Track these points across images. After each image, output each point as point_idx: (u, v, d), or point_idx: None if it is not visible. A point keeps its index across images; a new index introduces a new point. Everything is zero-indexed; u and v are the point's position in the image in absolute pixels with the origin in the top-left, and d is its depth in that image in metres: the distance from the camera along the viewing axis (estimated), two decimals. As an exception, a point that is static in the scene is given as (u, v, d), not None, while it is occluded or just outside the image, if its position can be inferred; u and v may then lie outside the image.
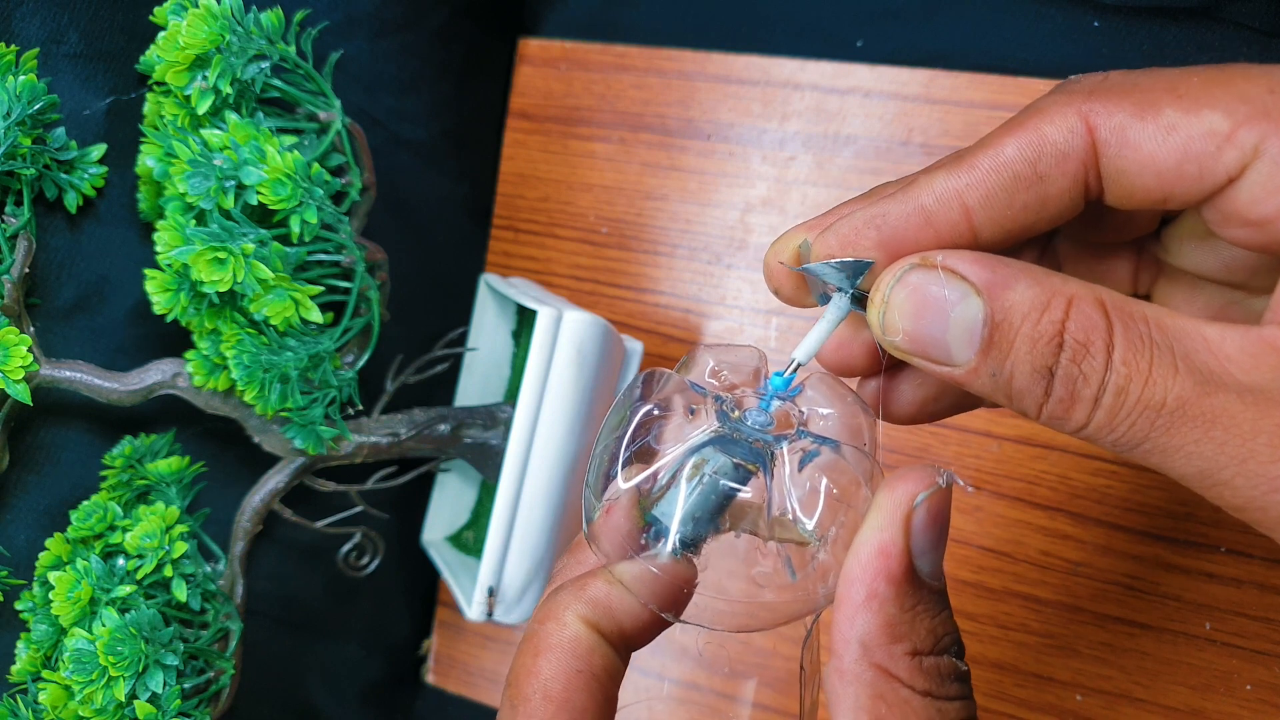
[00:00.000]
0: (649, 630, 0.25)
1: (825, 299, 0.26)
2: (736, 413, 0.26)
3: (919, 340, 0.23)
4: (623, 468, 0.25)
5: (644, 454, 0.25)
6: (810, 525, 0.24)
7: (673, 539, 0.24)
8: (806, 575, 0.24)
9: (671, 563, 0.24)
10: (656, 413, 0.25)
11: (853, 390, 0.27)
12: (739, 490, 0.24)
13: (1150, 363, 0.21)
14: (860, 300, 0.25)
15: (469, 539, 0.52)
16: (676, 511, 0.24)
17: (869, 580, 0.22)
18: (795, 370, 0.26)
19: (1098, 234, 0.28)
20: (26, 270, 0.36)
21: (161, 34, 0.36)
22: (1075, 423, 0.22)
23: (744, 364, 0.27)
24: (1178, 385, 0.21)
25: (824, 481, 0.24)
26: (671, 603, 0.24)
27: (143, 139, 0.39)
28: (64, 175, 0.37)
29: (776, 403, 0.26)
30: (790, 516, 0.24)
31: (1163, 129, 0.22)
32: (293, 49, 0.38)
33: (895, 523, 0.22)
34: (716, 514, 0.24)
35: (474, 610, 0.44)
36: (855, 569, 0.22)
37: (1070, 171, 0.23)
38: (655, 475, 0.24)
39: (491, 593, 0.44)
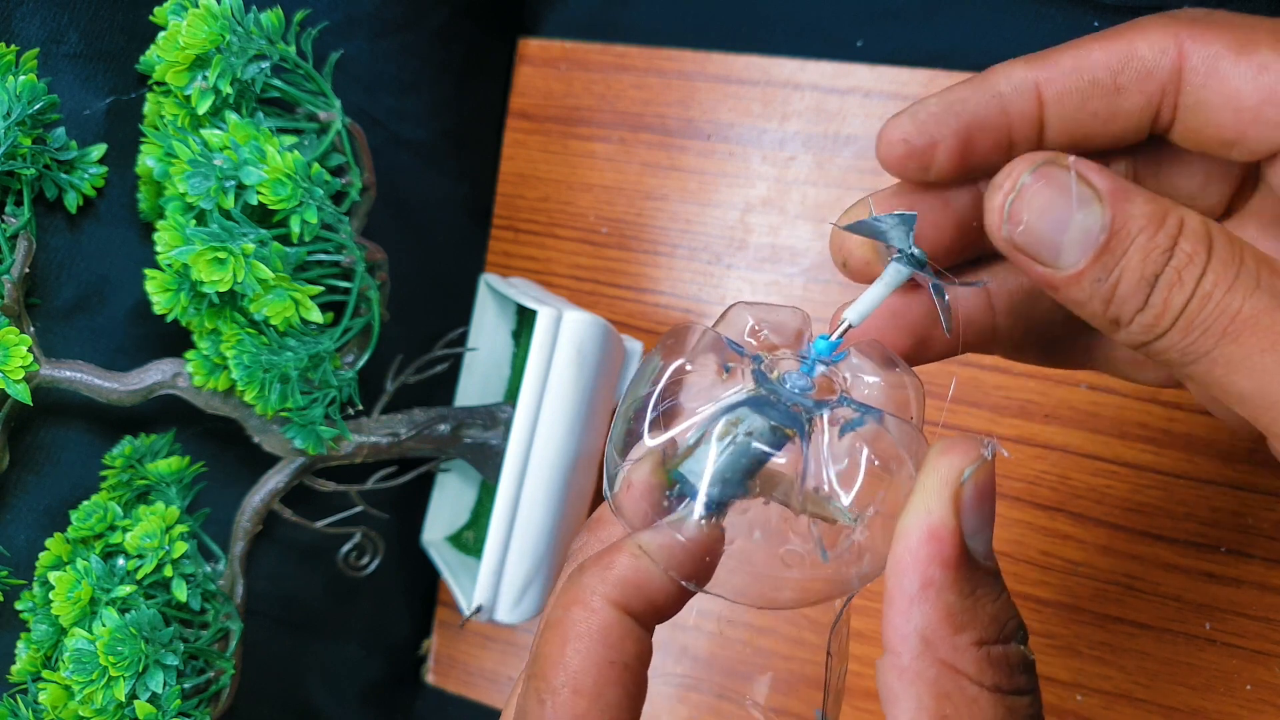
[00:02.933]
0: (680, 600, 0.23)
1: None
2: (775, 374, 0.24)
3: (1036, 236, 0.22)
4: (650, 424, 0.23)
5: (673, 411, 0.23)
6: (847, 500, 0.22)
7: (700, 500, 0.22)
8: (839, 556, 0.22)
9: (697, 527, 0.22)
10: (690, 369, 0.24)
11: (901, 360, 0.25)
12: (772, 455, 0.22)
13: (1236, 275, 0.21)
14: (919, 265, 0.24)
15: (469, 539, 0.52)
16: (705, 471, 0.22)
17: (922, 567, 0.20)
18: (844, 332, 0.24)
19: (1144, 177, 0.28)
20: (26, 270, 0.36)
21: (161, 34, 0.36)
22: (1160, 328, 0.22)
23: (786, 324, 0.25)
24: (1255, 298, 0.21)
25: (865, 453, 0.22)
26: (696, 570, 0.23)
27: (143, 139, 0.39)
28: (64, 175, 0.37)
29: (820, 367, 0.24)
30: (826, 489, 0.22)
31: (1255, 66, 0.22)
32: (293, 49, 0.38)
33: (944, 502, 0.20)
34: (746, 477, 0.23)
35: (470, 611, 0.44)
36: (905, 556, 0.20)
37: (1148, 91, 0.23)
38: (684, 433, 0.23)
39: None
